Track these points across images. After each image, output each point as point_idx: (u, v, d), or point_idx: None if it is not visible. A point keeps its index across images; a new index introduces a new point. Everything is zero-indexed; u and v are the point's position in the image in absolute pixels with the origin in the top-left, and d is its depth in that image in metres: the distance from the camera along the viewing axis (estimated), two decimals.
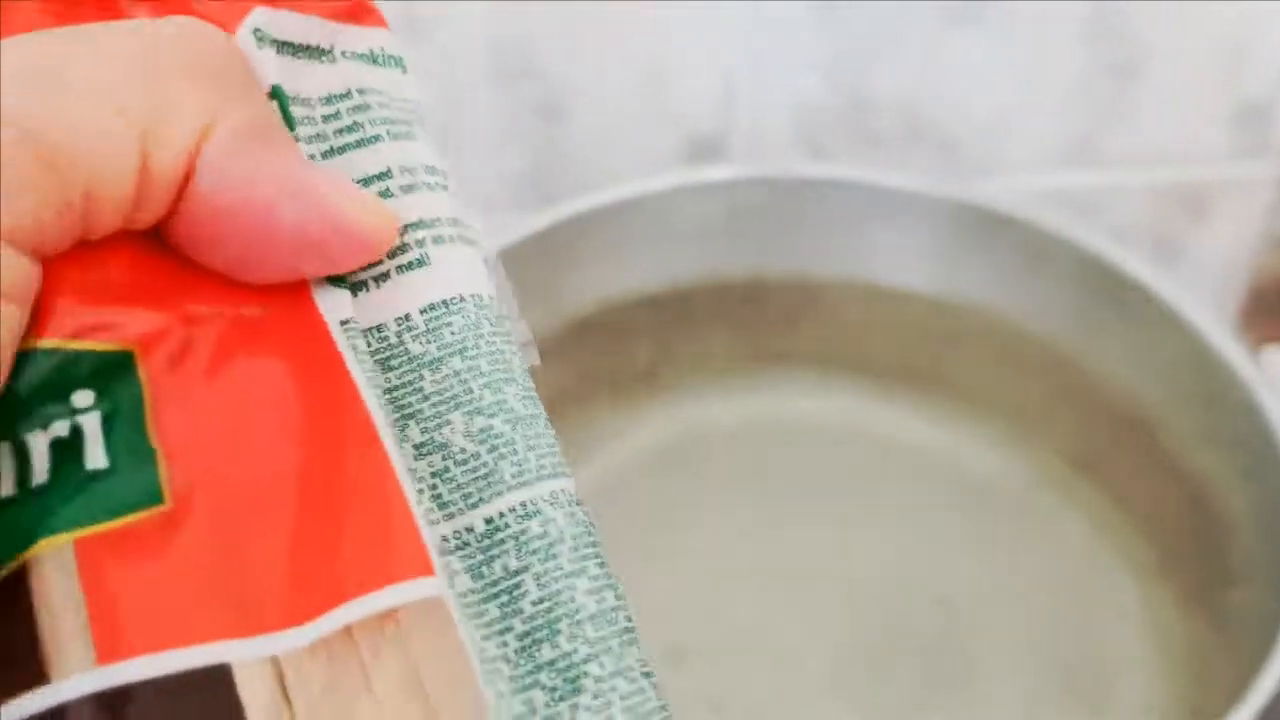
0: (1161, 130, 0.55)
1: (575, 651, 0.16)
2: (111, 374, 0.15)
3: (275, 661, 0.14)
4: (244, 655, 0.14)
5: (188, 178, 0.15)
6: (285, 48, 0.18)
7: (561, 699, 0.16)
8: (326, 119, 0.18)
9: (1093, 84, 0.53)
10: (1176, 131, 0.55)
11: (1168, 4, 0.51)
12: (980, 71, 0.52)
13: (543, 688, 0.16)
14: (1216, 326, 0.39)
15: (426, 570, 0.15)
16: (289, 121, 0.17)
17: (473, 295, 0.18)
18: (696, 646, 0.43)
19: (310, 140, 0.18)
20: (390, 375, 0.17)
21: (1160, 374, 0.42)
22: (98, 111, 0.15)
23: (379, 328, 0.17)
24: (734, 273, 0.49)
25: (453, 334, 0.17)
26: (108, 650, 0.14)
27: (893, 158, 0.54)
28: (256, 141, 0.16)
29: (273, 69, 0.17)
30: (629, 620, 0.17)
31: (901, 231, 0.47)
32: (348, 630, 0.14)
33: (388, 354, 0.17)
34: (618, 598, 0.17)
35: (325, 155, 0.18)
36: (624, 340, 0.49)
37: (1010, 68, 0.52)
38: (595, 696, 0.16)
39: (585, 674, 0.16)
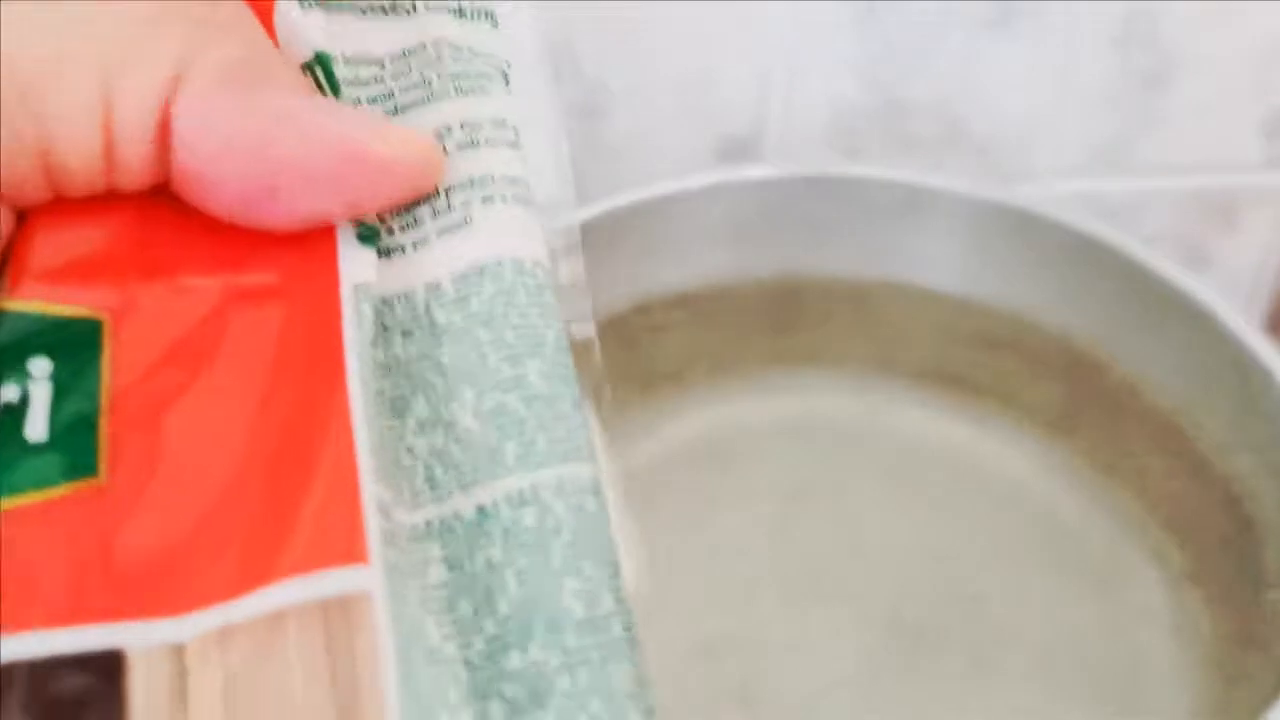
0: (1192, 138, 0.55)
1: (547, 661, 0.14)
2: (75, 343, 0.14)
3: (178, 649, 0.13)
4: (141, 640, 0.13)
5: (164, 130, 0.15)
6: (343, 7, 0.17)
7: (517, 713, 0.14)
8: (396, 76, 0.17)
9: (1124, 90, 0.53)
10: (1207, 139, 0.55)
11: (1200, 12, 0.52)
12: (1014, 76, 0.53)
13: (502, 698, 0.14)
14: (1252, 330, 0.39)
15: (359, 558, 0.14)
16: (333, 87, 0.16)
17: (513, 260, 0.17)
18: (726, 642, 0.43)
19: (375, 100, 0.17)
20: (409, 346, 0.16)
21: (1194, 377, 0.42)
22: (60, 63, 0.14)
23: (407, 295, 0.16)
24: (767, 272, 0.50)
25: (481, 302, 0.16)
26: None
27: (927, 161, 0.54)
28: (244, 81, 0.15)
29: (319, 34, 0.16)
30: (627, 630, 0.15)
31: (936, 232, 0.47)
32: (267, 617, 0.13)
33: (411, 324, 0.16)
34: (617, 602, 0.15)
35: (390, 114, 0.17)
36: (656, 337, 0.49)
37: (1043, 73, 0.53)
38: (559, 715, 0.14)
39: (553, 687, 0.14)
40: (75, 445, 0.14)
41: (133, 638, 0.13)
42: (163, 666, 0.13)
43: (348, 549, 0.14)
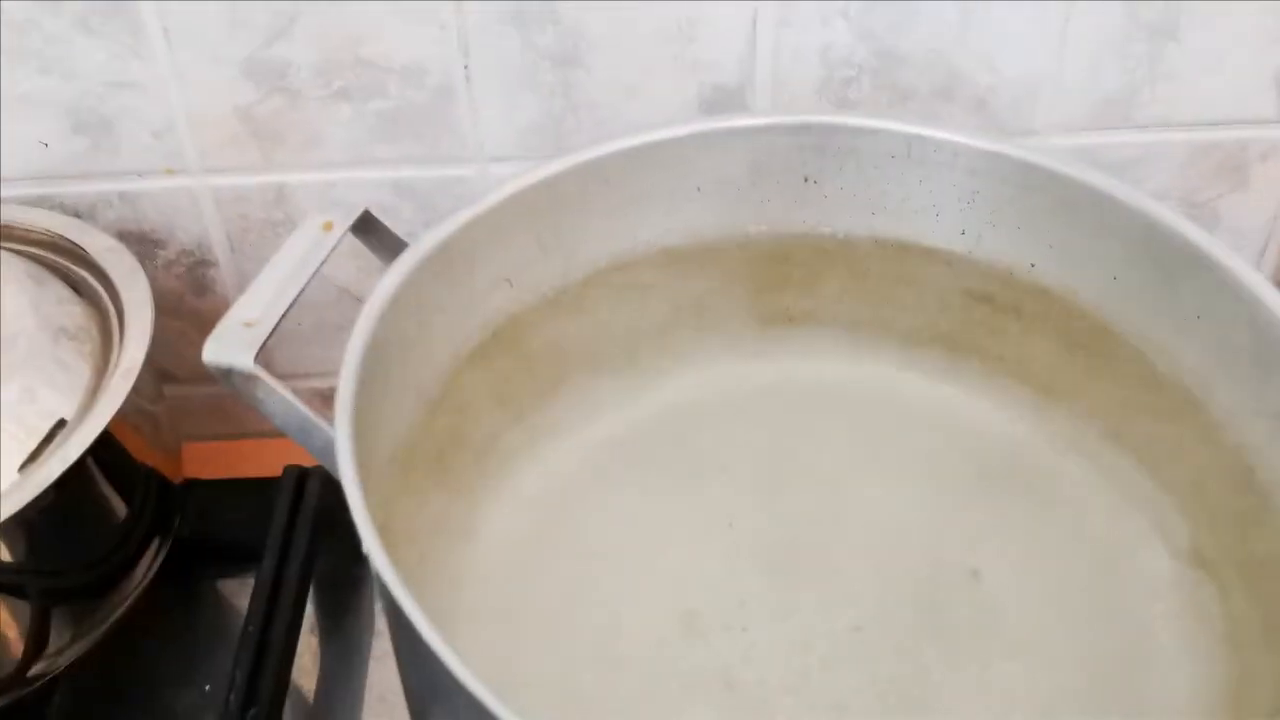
0: (1201, 91, 0.52)
1: None
2: None
3: None
4: None
5: None
6: None
7: None
8: None
9: (1129, 42, 0.51)
10: (1216, 93, 0.53)
11: None
12: (1014, 26, 0.50)
13: None
14: (1270, 289, 0.37)
15: None
16: None
17: None
18: (711, 617, 0.41)
19: None
20: None
21: (1206, 339, 0.39)
22: None
23: None
24: (756, 227, 0.47)
25: None
26: None
27: (922, 115, 0.52)
28: None
29: None
30: None
31: (934, 186, 0.45)
32: None
33: None
34: None
35: None
36: (638, 296, 0.47)
37: (1044, 23, 0.50)
38: None
39: None
40: None
41: None
42: None
43: None
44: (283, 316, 0.38)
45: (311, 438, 0.36)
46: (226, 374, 0.36)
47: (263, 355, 0.36)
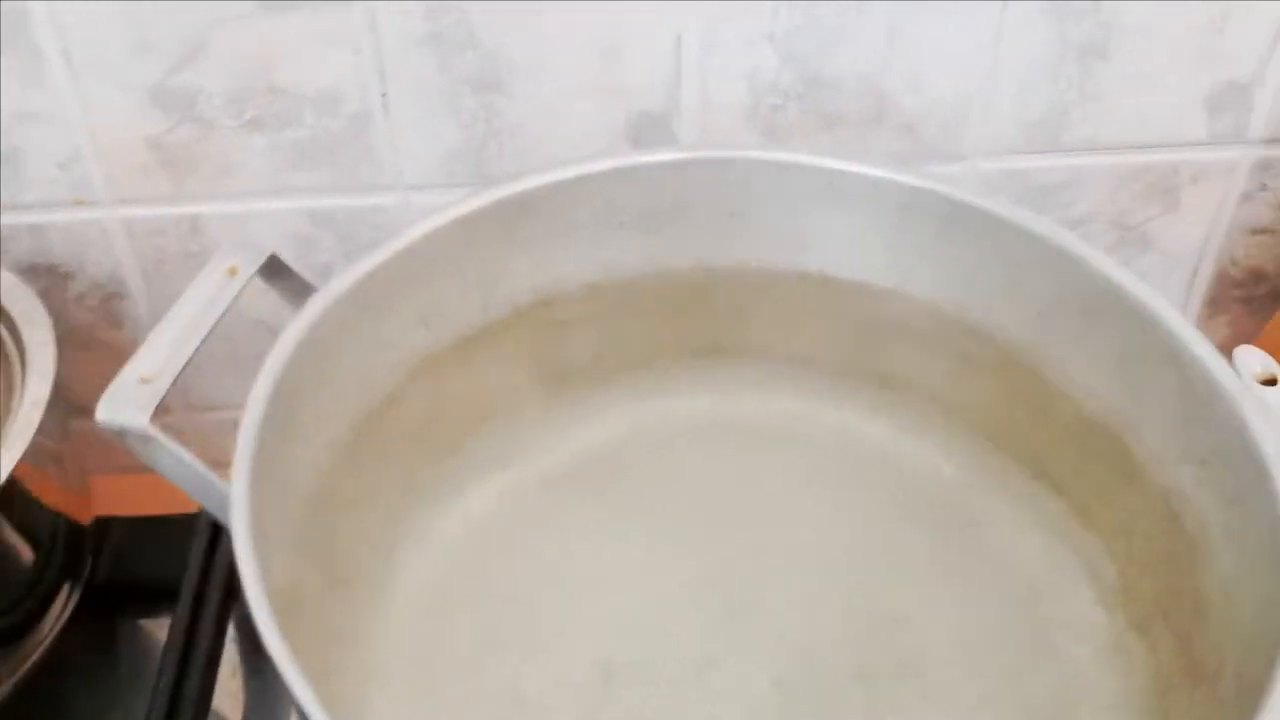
0: (1131, 113, 0.52)
1: None
2: None
3: None
4: None
5: None
6: None
7: None
8: None
9: (1059, 63, 0.50)
10: (1147, 115, 0.52)
11: None
12: (942, 50, 0.49)
13: None
14: (1196, 334, 0.36)
15: None
16: None
17: None
18: (631, 665, 0.40)
19: None
20: None
21: (1132, 380, 0.39)
22: None
23: None
24: (680, 261, 0.46)
25: None
26: None
27: (851, 140, 0.51)
28: None
29: None
30: None
31: (857, 220, 0.44)
32: None
33: None
34: None
35: None
36: (562, 333, 0.46)
37: (973, 46, 0.49)
38: None
39: None
40: None
41: None
42: None
43: None
44: (183, 369, 0.36)
45: (210, 497, 0.35)
46: (120, 434, 0.35)
47: (175, 394, 0.35)
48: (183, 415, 0.59)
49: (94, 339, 0.55)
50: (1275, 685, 0.29)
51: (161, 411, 0.60)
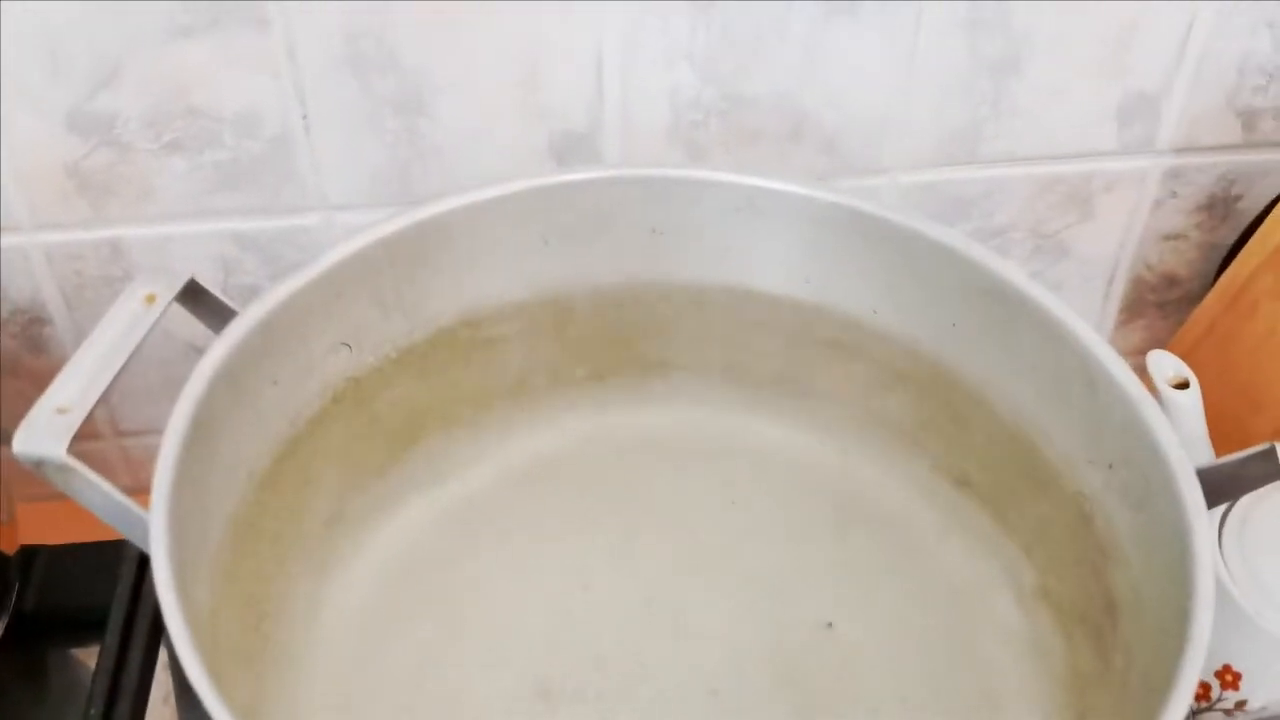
0: (1044, 124, 0.53)
1: None
2: None
3: None
4: None
5: None
6: None
7: None
8: None
9: (973, 78, 0.51)
10: (1059, 127, 0.53)
11: None
12: (859, 66, 0.50)
13: None
14: (1101, 342, 0.37)
15: None
16: None
17: None
18: (564, 685, 0.40)
19: None
20: None
21: (1043, 389, 0.40)
22: None
23: None
24: (606, 278, 0.46)
25: None
26: None
27: (772, 156, 0.52)
28: None
29: None
30: None
31: (778, 235, 0.44)
32: None
33: None
34: None
35: None
36: (489, 351, 0.46)
37: (889, 62, 0.50)
38: None
39: None
40: None
41: None
42: None
43: None
44: (99, 400, 0.36)
45: (131, 527, 0.35)
46: (38, 465, 0.34)
47: (104, 419, 0.34)
48: (111, 441, 0.58)
49: (18, 366, 0.55)
50: (1179, 686, 0.30)
51: (90, 437, 0.59)
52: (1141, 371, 0.39)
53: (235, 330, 0.38)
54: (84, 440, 0.59)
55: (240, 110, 0.48)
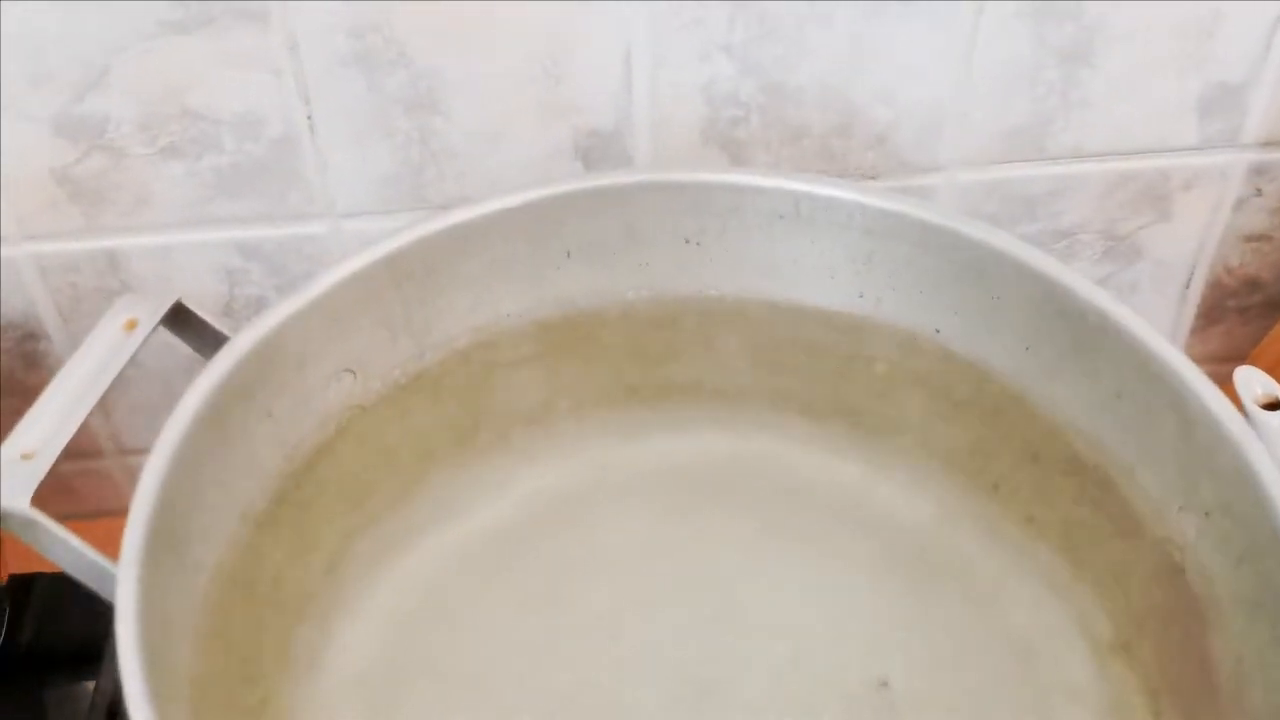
0: (1117, 119, 0.49)
1: None
2: None
3: None
4: None
5: None
6: None
7: None
8: None
9: (1040, 69, 0.47)
10: (1134, 121, 0.49)
11: None
12: (913, 57, 0.46)
13: None
14: (1200, 375, 0.33)
15: None
16: None
17: None
18: None
19: None
20: None
21: (1128, 423, 0.35)
22: None
23: None
24: (636, 292, 0.42)
25: None
26: None
27: (818, 154, 0.47)
28: None
29: None
30: None
31: (827, 246, 0.40)
32: None
33: None
34: None
35: None
36: (507, 375, 0.42)
37: (946, 51, 0.46)
38: None
39: None
40: None
41: None
42: None
43: None
44: (70, 440, 0.32)
45: (104, 585, 0.31)
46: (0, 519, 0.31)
47: (106, 436, 0.31)
48: (114, 459, 0.55)
49: (12, 383, 0.52)
50: None
51: (91, 454, 0.56)
52: (1221, 382, 0.34)
53: (222, 362, 0.34)
54: (85, 458, 0.56)
55: (240, 111, 0.45)
